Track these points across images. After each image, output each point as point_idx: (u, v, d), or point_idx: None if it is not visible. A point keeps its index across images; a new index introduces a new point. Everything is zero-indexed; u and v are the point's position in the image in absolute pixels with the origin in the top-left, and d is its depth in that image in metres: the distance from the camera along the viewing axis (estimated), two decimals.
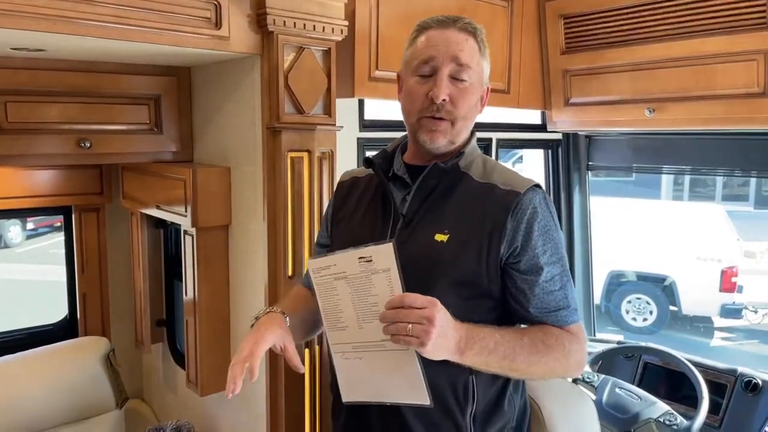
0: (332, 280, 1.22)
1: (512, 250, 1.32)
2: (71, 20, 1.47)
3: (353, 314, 1.22)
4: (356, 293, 1.19)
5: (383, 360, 1.21)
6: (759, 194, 13.34)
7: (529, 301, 1.33)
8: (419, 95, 1.37)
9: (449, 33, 1.37)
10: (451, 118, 1.37)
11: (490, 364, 1.25)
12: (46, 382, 2.23)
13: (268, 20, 1.73)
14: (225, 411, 2.18)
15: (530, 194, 1.34)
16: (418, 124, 1.39)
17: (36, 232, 9.89)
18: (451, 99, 1.35)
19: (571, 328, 1.35)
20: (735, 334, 7.97)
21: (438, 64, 1.35)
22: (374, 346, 1.21)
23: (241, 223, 2.01)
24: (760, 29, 2.10)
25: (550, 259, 1.34)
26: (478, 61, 1.39)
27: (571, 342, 1.33)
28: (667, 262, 7.87)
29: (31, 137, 1.95)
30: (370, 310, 1.19)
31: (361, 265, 1.16)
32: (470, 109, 1.39)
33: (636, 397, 2.36)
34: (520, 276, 1.33)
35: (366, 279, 1.16)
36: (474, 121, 1.45)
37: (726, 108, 2.26)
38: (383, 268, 1.14)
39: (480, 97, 1.44)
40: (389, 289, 1.15)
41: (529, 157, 6.51)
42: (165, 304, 2.50)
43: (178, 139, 2.20)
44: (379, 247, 1.13)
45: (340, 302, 1.23)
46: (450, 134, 1.38)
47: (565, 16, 2.61)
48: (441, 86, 1.34)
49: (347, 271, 1.19)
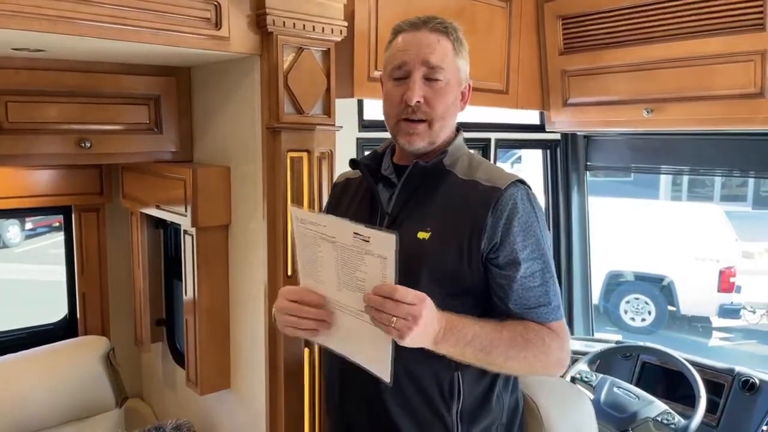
0: (317, 238, 1.22)
1: (492, 245, 1.32)
2: (71, 20, 1.48)
3: (334, 276, 1.21)
4: (342, 261, 1.19)
5: (357, 326, 1.21)
6: (757, 195, 13.36)
7: (509, 296, 1.33)
8: (395, 99, 1.39)
9: (420, 35, 1.38)
10: (428, 119, 1.38)
11: (466, 355, 1.25)
12: (46, 381, 2.23)
13: (268, 21, 1.73)
14: (224, 410, 2.19)
15: (511, 189, 1.34)
16: (397, 127, 1.41)
17: (35, 232, 9.88)
18: (426, 100, 1.36)
19: (552, 325, 1.34)
20: (733, 334, 7.98)
21: (410, 67, 1.37)
22: (351, 312, 1.22)
23: (241, 222, 2.01)
24: (758, 30, 2.11)
25: (531, 255, 1.33)
26: (451, 60, 1.39)
27: (552, 339, 1.32)
28: (665, 263, 7.88)
29: (32, 137, 1.96)
30: (355, 282, 1.18)
31: (356, 240, 1.15)
32: (447, 108, 1.40)
33: (634, 397, 2.37)
34: (498, 271, 1.33)
35: (357, 255, 1.16)
36: (455, 119, 1.45)
37: (724, 108, 2.27)
38: (379, 254, 1.13)
39: (460, 94, 1.44)
40: (381, 275, 1.14)
41: (528, 158, 6.52)
42: (165, 303, 2.51)
43: (178, 139, 2.21)
44: (381, 233, 1.12)
45: (321, 259, 1.23)
46: (428, 136, 1.39)
47: (564, 16, 2.62)
48: (414, 89, 1.35)
49: (337, 238, 1.18)
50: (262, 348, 1.92)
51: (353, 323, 1.22)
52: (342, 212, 1.53)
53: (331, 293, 1.24)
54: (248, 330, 2.02)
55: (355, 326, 1.21)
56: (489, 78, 2.51)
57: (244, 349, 2.06)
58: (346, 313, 1.23)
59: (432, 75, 1.36)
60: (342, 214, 1.52)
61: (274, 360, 1.89)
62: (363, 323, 1.19)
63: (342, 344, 1.29)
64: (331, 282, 1.23)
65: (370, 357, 1.24)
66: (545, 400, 1.59)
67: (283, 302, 1.30)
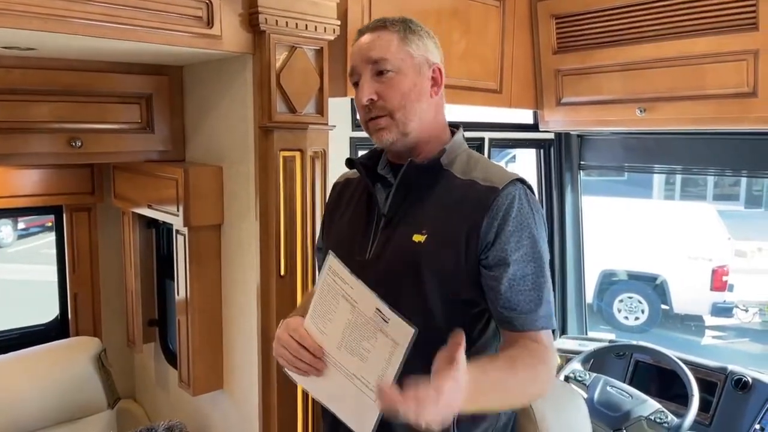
0: (340, 294, 1.21)
1: (485, 246, 1.28)
2: (63, 19, 1.46)
3: (339, 334, 1.22)
4: (354, 325, 1.19)
5: (346, 388, 1.22)
6: (749, 194, 13.44)
7: (497, 299, 1.27)
8: (358, 104, 1.41)
9: (362, 40, 1.40)
10: (386, 113, 1.36)
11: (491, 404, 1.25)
12: (37, 382, 2.22)
13: (261, 19, 1.72)
14: (217, 411, 2.18)
15: (509, 188, 1.30)
16: (367, 129, 1.42)
17: (27, 232, 9.83)
18: (379, 95, 1.36)
19: (539, 336, 1.28)
20: (726, 333, 8.02)
21: (359, 71, 1.39)
22: (345, 373, 1.22)
23: (234, 222, 2.01)
24: (750, 30, 2.11)
25: (523, 258, 1.27)
26: (397, 48, 1.36)
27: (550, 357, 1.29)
28: (658, 261, 7.92)
29: (22, 136, 1.94)
30: (359, 349, 1.19)
31: (376, 315, 1.15)
32: (404, 96, 1.35)
33: (627, 396, 2.37)
34: (487, 272, 1.28)
35: (371, 328, 1.16)
36: (425, 105, 1.38)
37: (716, 108, 2.27)
38: (393, 338, 1.13)
39: (430, 79, 1.40)
40: (387, 358, 1.14)
41: (522, 157, 6.53)
42: (157, 303, 2.49)
43: (170, 138, 2.20)
44: (402, 322, 1.12)
45: (335, 314, 1.23)
46: (394, 126, 1.36)
47: (557, 16, 2.62)
48: (362, 90, 1.37)
49: (359, 304, 1.18)
50: (255, 348, 1.91)
51: (344, 383, 1.22)
52: (341, 212, 1.52)
53: (330, 348, 1.24)
54: (241, 330, 2.01)
55: (345, 387, 1.22)
56: (483, 77, 2.51)
57: (237, 350, 2.05)
58: (339, 372, 1.23)
59: (377, 68, 1.36)
60: (341, 214, 1.52)
61: (267, 360, 1.88)
62: (353, 387, 1.20)
63: (328, 397, 1.30)
64: (334, 338, 1.22)
65: (353, 417, 1.25)
66: (539, 400, 1.59)
67: (285, 335, 1.31)
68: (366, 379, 1.18)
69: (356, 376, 1.19)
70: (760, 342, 7.88)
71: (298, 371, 1.31)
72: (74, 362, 2.31)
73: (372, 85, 1.36)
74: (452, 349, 1.03)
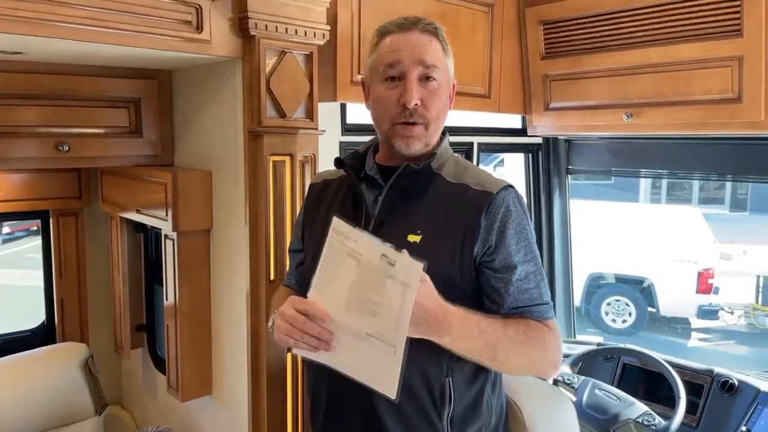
0: (344, 253, 1.18)
1: (486, 248, 1.32)
2: (51, 23, 1.46)
3: (345, 295, 1.18)
4: (361, 281, 1.16)
5: (361, 348, 1.19)
6: (734, 197, 13.60)
7: (504, 299, 1.32)
8: (390, 102, 1.36)
9: (411, 36, 1.36)
10: (425, 122, 1.37)
11: (471, 351, 1.25)
12: (24, 388, 2.19)
13: (250, 24, 1.72)
14: (206, 417, 2.17)
15: (503, 194, 1.34)
16: (393, 130, 1.38)
17: (12, 236, 9.73)
18: (422, 102, 1.35)
19: (548, 323, 1.35)
20: (711, 335, 8.10)
21: (405, 68, 1.34)
22: (355, 335, 1.18)
23: (223, 227, 2.00)
24: (735, 36, 2.14)
25: (524, 258, 1.34)
26: (443, 60, 1.39)
27: (551, 337, 1.33)
28: (645, 264, 7.98)
29: (9, 141, 1.92)
30: (368, 305, 1.15)
31: (382, 261, 1.13)
32: (441, 109, 1.39)
33: (615, 398, 2.39)
34: (494, 275, 1.33)
35: (379, 277, 1.13)
36: (445, 120, 1.44)
37: (702, 113, 2.30)
38: (403, 281, 1.11)
39: (448, 95, 1.44)
40: (399, 303, 1.12)
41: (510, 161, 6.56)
42: (145, 308, 2.47)
43: (159, 142, 2.19)
44: (410, 260, 1.11)
45: (339, 275, 1.19)
46: (425, 138, 1.38)
47: (545, 21, 2.64)
48: (412, 91, 1.33)
49: (364, 255, 1.16)
50: (245, 353, 1.90)
51: (357, 345, 1.19)
52: (320, 216, 1.51)
53: (338, 313, 1.20)
54: (230, 335, 2.00)
55: (359, 348, 1.19)
56: (471, 82, 2.52)
57: (226, 355, 2.04)
58: (349, 335, 1.20)
59: (428, 74, 1.35)
60: (322, 216, 1.51)
61: (256, 365, 1.87)
62: (368, 345, 1.17)
63: (343, 363, 1.25)
64: (340, 301, 1.19)
65: (374, 377, 1.21)
66: (528, 403, 1.60)
67: (290, 310, 1.22)
68: (380, 334, 1.15)
69: (370, 334, 1.16)
70: (746, 344, 7.97)
71: (308, 347, 1.22)
72: (61, 368, 2.28)
73: (418, 89, 1.35)
74: None
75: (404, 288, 1.12)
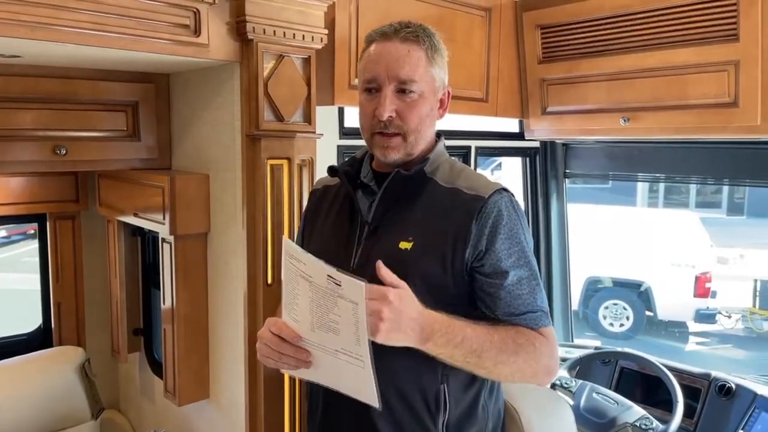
0: (297, 275, 1.21)
1: (477, 254, 1.31)
2: (49, 27, 1.46)
3: (308, 316, 1.21)
4: (316, 302, 1.18)
5: (334, 364, 1.21)
6: (731, 201, 13.63)
7: (497, 304, 1.31)
8: (368, 112, 1.37)
9: (390, 46, 1.35)
10: (402, 132, 1.36)
11: (455, 357, 1.24)
12: (20, 392, 2.18)
13: (248, 28, 1.73)
14: (203, 421, 2.16)
15: (495, 197, 1.33)
16: (372, 140, 1.40)
17: (9, 240, 9.70)
18: (398, 114, 1.35)
19: (542, 330, 1.33)
20: (709, 339, 8.11)
21: (380, 82, 1.35)
22: (329, 352, 1.21)
23: (220, 230, 2.00)
24: (731, 41, 2.15)
25: (517, 263, 1.32)
26: (424, 70, 1.36)
27: (542, 344, 1.31)
28: (642, 268, 7.99)
29: (6, 144, 1.92)
30: (328, 324, 1.18)
31: (329, 282, 1.15)
32: (421, 120, 1.38)
33: (613, 402, 2.39)
34: (486, 280, 1.32)
35: (330, 297, 1.15)
36: (433, 128, 1.44)
37: (698, 117, 2.31)
38: (351, 300, 1.13)
39: (438, 101, 1.42)
40: (354, 320, 1.13)
41: (508, 165, 6.58)
42: (142, 312, 2.47)
43: (156, 146, 2.18)
44: (352, 279, 1.12)
45: (298, 296, 1.22)
46: (404, 148, 1.38)
47: (543, 26, 2.65)
48: (384, 105, 1.33)
49: (313, 278, 1.18)
50: (242, 357, 1.90)
51: (331, 361, 1.21)
52: (321, 220, 1.52)
53: (306, 333, 1.23)
54: (227, 339, 2.00)
55: (334, 363, 1.21)
56: (469, 86, 2.53)
57: (224, 359, 2.03)
58: (322, 352, 1.22)
59: (402, 87, 1.34)
60: (321, 222, 1.51)
61: (253, 370, 1.87)
62: (339, 361, 1.19)
63: (325, 379, 1.29)
64: (306, 322, 1.22)
65: (353, 388, 1.23)
66: (526, 407, 1.60)
67: (266, 333, 1.27)
68: (347, 350, 1.18)
69: (338, 350, 1.18)
70: (743, 348, 7.98)
71: (288, 366, 1.28)
72: (57, 372, 2.28)
73: (393, 102, 1.34)
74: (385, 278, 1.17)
75: (354, 306, 1.13)
